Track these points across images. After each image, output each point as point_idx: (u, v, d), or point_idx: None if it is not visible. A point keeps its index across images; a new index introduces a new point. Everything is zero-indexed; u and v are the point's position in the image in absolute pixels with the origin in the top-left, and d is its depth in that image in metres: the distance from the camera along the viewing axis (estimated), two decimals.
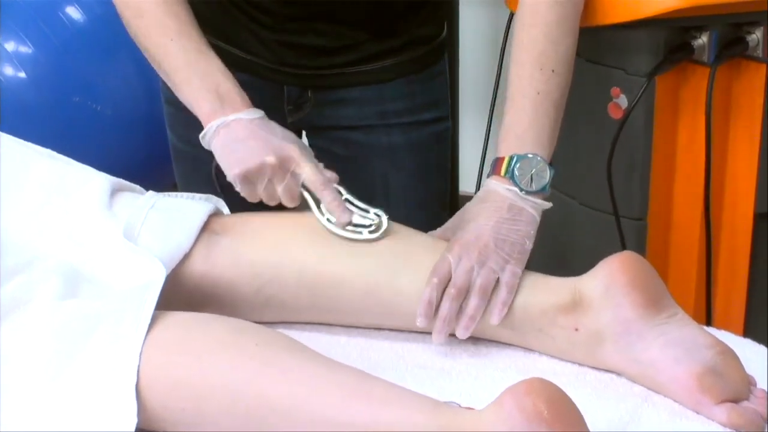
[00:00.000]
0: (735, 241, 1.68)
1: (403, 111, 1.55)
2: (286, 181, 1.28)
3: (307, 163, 1.28)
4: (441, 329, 1.21)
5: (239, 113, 1.31)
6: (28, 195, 1.27)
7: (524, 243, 1.24)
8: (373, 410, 1.02)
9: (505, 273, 1.21)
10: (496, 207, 1.25)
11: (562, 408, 0.99)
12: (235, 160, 1.29)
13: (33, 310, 1.10)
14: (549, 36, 1.29)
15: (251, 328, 1.11)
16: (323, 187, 1.27)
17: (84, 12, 2.09)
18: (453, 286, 1.21)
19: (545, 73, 1.28)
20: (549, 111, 1.28)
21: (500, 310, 1.21)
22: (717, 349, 1.16)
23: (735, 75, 1.62)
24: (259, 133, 1.29)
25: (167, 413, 1.05)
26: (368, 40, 1.50)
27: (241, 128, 1.30)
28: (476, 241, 1.23)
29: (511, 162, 1.26)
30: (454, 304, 1.21)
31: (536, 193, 1.26)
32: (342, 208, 1.27)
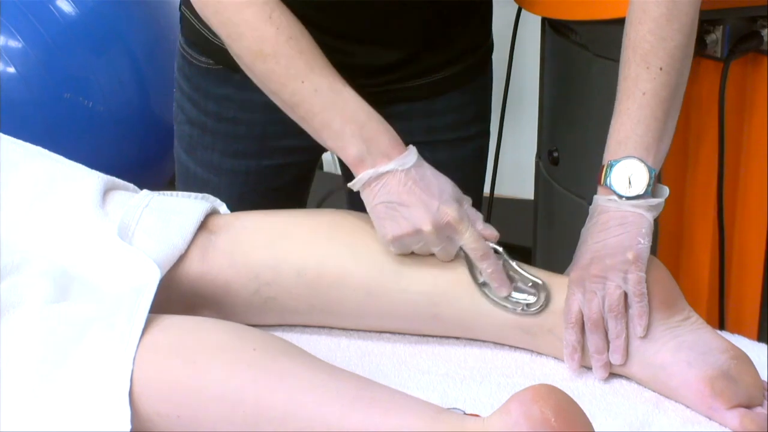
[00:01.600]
0: (749, 242, 1.67)
1: (452, 125, 1.50)
2: (442, 245, 1.23)
3: (466, 230, 1.22)
4: (599, 362, 1.19)
5: (391, 163, 1.23)
6: (18, 194, 1.26)
7: (638, 243, 1.19)
8: (375, 417, 1.01)
9: (630, 283, 1.19)
10: (602, 222, 1.22)
11: (570, 415, 0.98)
12: (390, 224, 1.22)
13: (22, 314, 1.09)
14: (656, 32, 1.23)
15: (249, 332, 1.10)
16: (482, 258, 1.22)
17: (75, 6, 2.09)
18: (589, 321, 1.19)
19: (652, 71, 1.23)
20: (656, 111, 1.23)
21: (641, 322, 1.18)
22: (730, 353, 1.15)
23: (749, 70, 1.61)
24: (415, 193, 1.22)
25: (162, 420, 1.03)
26: (421, 54, 1.44)
27: (395, 184, 1.22)
28: (590, 264, 1.20)
29: (608, 170, 1.23)
30: (598, 337, 1.19)
31: (638, 197, 1.21)
32: (501, 281, 1.22)
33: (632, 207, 1.21)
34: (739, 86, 1.60)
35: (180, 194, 1.33)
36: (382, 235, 1.23)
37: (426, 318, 1.24)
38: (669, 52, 1.23)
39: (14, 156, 1.30)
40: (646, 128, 1.23)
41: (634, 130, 1.23)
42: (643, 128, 1.22)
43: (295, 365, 1.05)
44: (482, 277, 1.22)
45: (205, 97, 1.50)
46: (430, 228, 1.21)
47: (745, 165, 1.64)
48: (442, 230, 1.21)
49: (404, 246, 1.23)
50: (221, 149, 1.51)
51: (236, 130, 1.49)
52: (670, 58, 1.23)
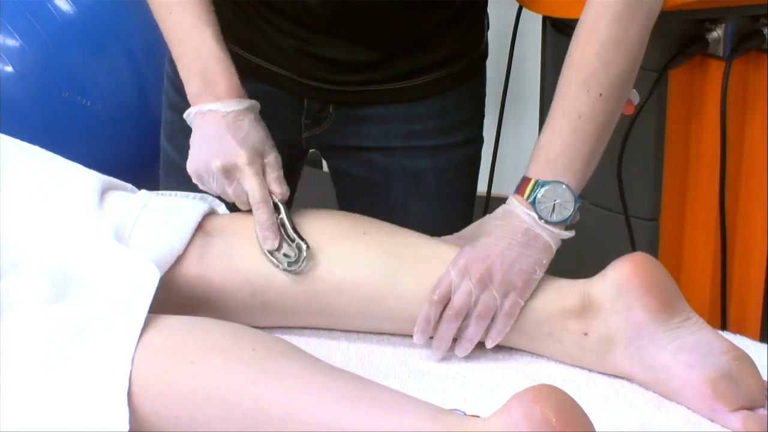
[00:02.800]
0: (751, 242, 1.67)
1: (433, 132, 1.48)
2: (233, 187, 1.27)
3: (251, 175, 1.26)
4: (439, 347, 1.22)
5: (216, 103, 1.29)
6: (15, 194, 1.26)
7: (534, 272, 1.21)
8: (375, 418, 1.00)
9: (507, 301, 1.20)
10: (512, 228, 1.22)
11: (571, 416, 0.98)
12: (192, 156, 1.29)
13: (20, 314, 1.09)
14: (602, 57, 1.22)
15: (248, 332, 1.10)
16: (258, 206, 1.25)
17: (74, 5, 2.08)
18: (451, 308, 1.20)
19: (591, 95, 1.22)
20: (588, 137, 1.23)
21: (494, 339, 1.21)
22: (732, 354, 1.15)
23: (751, 69, 1.61)
24: (221, 133, 1.28)
25: (160, 420, 1.03)
26: (401, 56, 1.43)
27: (211, 122, 1.29)
28: (482, 261, 1.20)
29: (535, 187, 1.22)
30: (451, 326, 1.20)
31: (556, 223, 1.22)
32: (269, 232, 1.24)
33: (547, 234, 1.21)
34: (741, 85, 1.60)
35: (178, 194, 1.33)
36: (187, 166, 1.29)
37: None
38: (611, 79, 1.23)
39: (12, 155, 1.30)
40: (577, 152, 1.22)
41: (564, 152, 1.22)
42: (574, 151, 1.22)
43: (294, 366, 1.04)
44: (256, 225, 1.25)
45: None
46: (218, 164, 1.25)
47: (747, 164, 1.64)
48: (230, 171, 1.26)
49: (202, 181, 1.29)
50: None
51: None
52: (611, 85, 1.23)
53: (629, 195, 1.62)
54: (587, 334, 1.18)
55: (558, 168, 1.22)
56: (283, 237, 1.24)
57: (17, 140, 1.33)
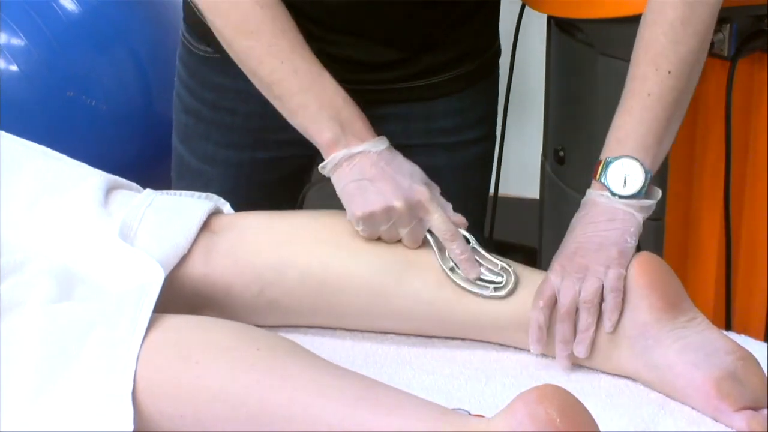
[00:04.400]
0: (756, 242, 1.67)
1: (451, 129, 1.49)
2: (411, 226, 1.24)
3: (436, 210, 1.24)
4: (563, 352, 1.20)
5: (364, 144, 1.25)
6: (21, 193, 1.26)
7: (624, 242, 1.20)
8: (379, 418, 1.00)
9: (608, 278, 1.19)
10: (591, 214, 1.22)
11: (575, 416, 0.98)
12: (361, 200, 1.23)
13: (26, 313, 1.09)
14: (670, 35, 1.23)
15: (253, 332, 1.10)
16: (452, 239, 1.23)
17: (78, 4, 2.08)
18: (562, 307, 1.19)
19: (660, 73, 1.23)
20: (659, 114, 1.23)
21: (611, 317, 1.18)
22: (737, 354, 1.14)
23: (756, 69, 1.60)
24: (387, 172, 1.24)
25: (165, 420, 1.03)
26: (419, 55, 1.43)
27: (368, 164, 1.24)
28: (574, 254, 1.20)
29: (605, 166, 1.23)
30: (567, 325, 1.19)
31: (631, 197, 1.22)
32: (470, 263, 1.23)
33: (624, 205, 1.21)
34: (746, 85, 1.60)
35: (183, 193, 1.33)
36: (351, 213, 1.23)
37: (429, 320, 1.24)
38: (680, 56, 1.23)
39: (17, 155, 1.30)
40: (647, 129, 1.23)
41: (635, 130, 1.23)
42: (645, 129, 1.23)
43: (298, 365, 1.04)
44: (451, 261, 1.23)
45: (201, 85, 1.49)
46: (401, 204, 1.22)
47: (752, 164, 1.64)
48: (413, 208, 1.22)
49: (373, 225, 1.23)
50: (216, 139, 1.50)
51: (232, 120, 1.49)
52: (680, 62, 1.23)
53: None
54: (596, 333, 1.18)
55: (628, 145, 1.23)
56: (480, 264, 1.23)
57: (22, 139, 1.33)
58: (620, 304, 1.18)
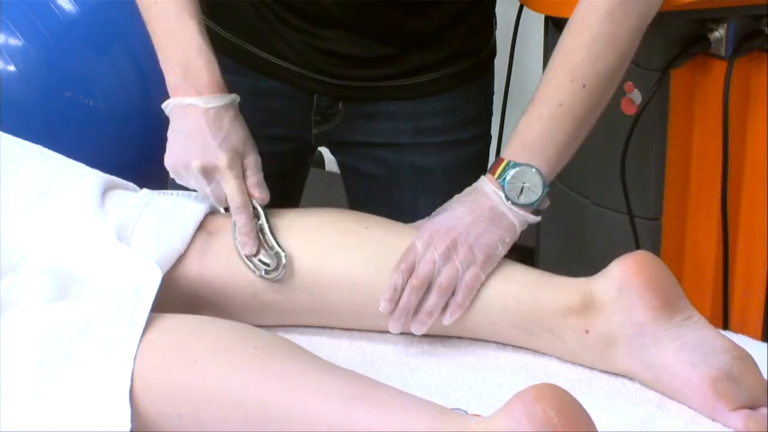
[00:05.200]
0: (753, 241, 1.67)
1: (441, 128, 1.49)
2: (212, 187, 1.26)
3: (232, 179, 1.25)
4: (398, 318, 1.21)
5: (197, 98, 1.28)
6: (18, 193, 1.26)
7: (496, 247, 1.22)
8: (376, 417, 1.00)
9: (468, 274, 1.20)
10: (478, 204, 1.23)
11: (572, 415, 0.98)
12: (171, 150, 1.28)
13: (22, 313, 1.10)
14: (591, 50, 1.23)
15: (250, 331, 1.10)
16: (238, 211, 1.25)
17: (76, 4, 2.08)
18: (416, 277, 1.20)
19: (575, 86, 1.24)
20: (566, 126, 1.24)
21: (453, 312, 1.20)
22: (734, 353, 1.14)
23: (753, 69, 1.60)
24: (202, 130, 1.26)
25: (163, 419, 1.03)
26: (410, 52, 1.43)
27: (191, 117, 1.27)
28: (447, 233, 1.21)
29: (507, 167, 1.23)
30: (413, 296, 1.20)
31: (523, 205, 1.23)
32: (248, 238, 1.24)
33: (512, 215, 1.23)
34: (743, 85, 1.60)
35: (180, 193, 1.33)
36: (165, 159, 1.27)
37: None
38: (597, 72, 1.24)
39: (14, 155, 1.30)
40: (552, 140, 1.24)
41: (540, 138, 1.24)
42: (550, 139, 1.23)
43: (296, 364, 1.05)
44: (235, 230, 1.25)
45: None
46: (197, 164, 1.24)
47: (749, 164, 1.64)
48: (210, 172, 1.24)
49: (180, 176, 1.27)
50: None
51: None
52: (596, 78, 1.24)
53: (631, 194, 1.62)
54: (588, 332, 1.18)
55: (531, 152, 1.23)
56: (261, 243, 1.24)
57: (20, 139, 1.33)
58: (467, 303, 1.20)
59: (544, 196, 1.23)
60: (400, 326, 1.21)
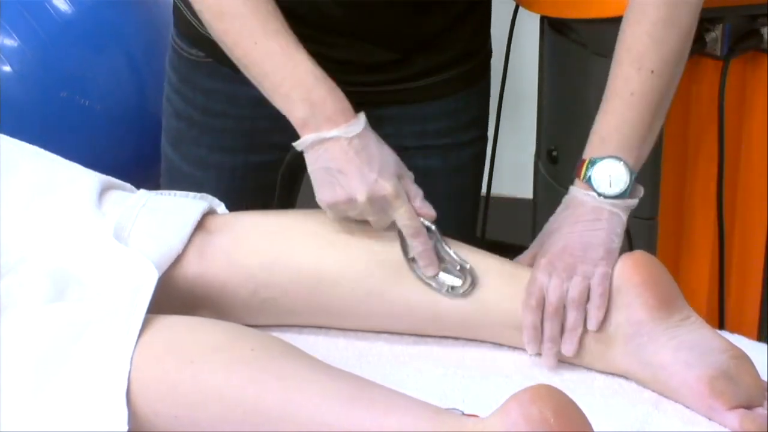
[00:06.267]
0: (749, 241, 1.67)
1: (445, 131, 1.49)
2: (378, 216, 1.23)
3: (401, 205, 1.22)
4: (550, 351, 1.20)
5: (335, 129, 1.22)
6: (15, 194, 1.25)
7: (611, 241, 1.21)
8: (373, 418, 1.00)
9: (595, 277, 1.19)
10: (578, 213, 1.23)
11: (569, 416, 0.98)
12: (326, 189, 1.23)
13: (20, 314, 1.09)
14: (653, 35, 1.23)
15: (247, 332, 1.10)
16: (413, 236, 1.23)
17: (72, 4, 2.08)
18: (549, 305, 1.19)
19: (643, 73, 1.23)
20: (642, 113, 1.24)
21: (596, 315, 1.18)
22: (730, 353, 1.15)
23: (749, 69, 1.61)
24: (354, 163, 1.22)
25: (159, 420, 1.03)
26: (413, 56, 1.43)
27: (337, 151, 1.22)
28: (562, 252, 1.21)
29: (589, 165, 1.23)
30: (555, 323, 1.19)
31: (616, 197, 1.23)
32: (428, 260, 1.23)
33: (609, 206, 1.22)
34: (739, 85, 1.60)
35: (177, 194, 1.32)
36: (318, 199, 1.24)
37: (424, 318, 1.24)
38: (663, 56, 1.24)
39: (11, 155, 1.29)
40: (631, 129, 1.23)
41: (618, 130, 1.23)
42: (628, 129, 1.23)
43: (293, 365, 1.04)
44: (412, 253, 1.23)
45: (193, 89, 1.49)
46: (364, 199, 1.21)
47: (745, 164, 1.64)
48: (377, 202, 1.22)
49: (339, 212, 1.24)
50: (208, 144, 1.50)
51: (224, 124, 1.48)
52: (662, 62, 1.24)
53: None
54: (586, 332, 1.18)
55: (611, 145, 1.23)
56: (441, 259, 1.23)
57: (16, 140, 1.33)
58: (605, 303, 1.18)
59: (633, 182, 1.22)
60: (555, 358, 1.20)
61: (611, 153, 1.22)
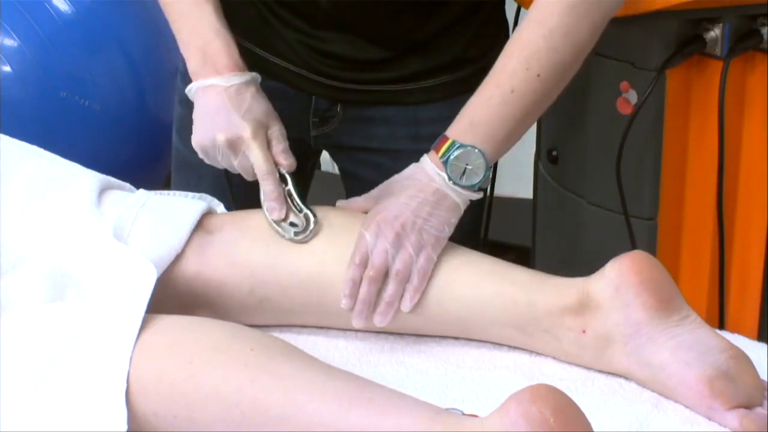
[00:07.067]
0: (749, 241, 1.67)
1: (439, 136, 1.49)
2: (239, 160, 1.28)
3: (256, 147, 1.27)
4: (361, 312, 1.21)
5: (218, 78, 1.30)
6: (14, 194, 1.25)
7: (443, 229, 1.23)
8: (373, 418, 1.00)
9: (420, 258, 1.21)
10: (421, 187, 1.24)
11: (569, 415, 0.98)
12: (197, 130, 1.30)
13: (19, 314, 1.09)
14: (549, 41, 1.24)
15: (246, 332, 1.10)
16: (264, 177, 1.26)
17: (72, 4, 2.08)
18: (371, 268, 1.21)
19: (529, 74, 1.24)
20: (516, 112, 1.25)
21: (412, 297, 1.21)
22: (730, 353, 1.14)
23: (749, 69, 1.60)
24: (225, 106, 1.28)
25: (158, 420, 1.03)
26: (408, 57, 1.43)
27: (213, 96, 1.29)
28: (395, 220, 1.22)
29: (451, 147, 1.24)
30: (372, 287, 1.21)
31: (465, 187, 1.24)
32: (276, 203, 1.25)
33: (456, 195, 1.24)
34: (739, 84, 1.60)
35: (177, 194, 1.33)
36: (192, 142, 1.30)
37: (421, 318, 1.23)
38: (552, 64, 1.24)
39: (11, 156, 1.29)
40: (502, 124, 1.24)
41: (489, 122, 1.24)
42: (499, 123, 1.24)
43: (292, 365, 1.04)
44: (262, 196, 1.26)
45: None
46: (223, 139, 1.26)
47: (744, 163, 1.64)
48: (235, 144, 1.26)
49: (208, 155, 1.29)
50: None
51: None
52: (550, 69, 1.24)
53: (627, 194, 1.62)
54: (585, 332, 1.18)
55: (479, 134, 1.24)
56: (290, 207, 1.26)
57: (16, 140, 1.33)
58: (424, 286, 1.20)
59: (486, 178, 1.24)
60: (364, 320, 1.21)
61: (476, 143, 1.24)
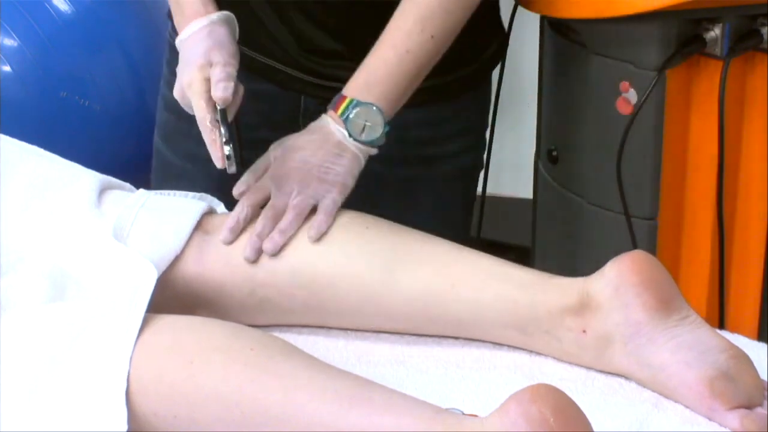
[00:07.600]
0: (749, 241, 1.67)
1: (427, 140, 1.49)
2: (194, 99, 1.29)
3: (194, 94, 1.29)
4: (255, 244, 1.23)
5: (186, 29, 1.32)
6: (14, 194, 1.26)
7: (347, 179, 1.28)
8: (373, 418, 1.00)
9: (325, 200, 1.25)
10: (323, 140, 1.28)
11: (569, 415, 0.98)
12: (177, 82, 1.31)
13: (18, 314, 1.09)
14: (443, 5, 1.30)
15: (246, 331, 1.10)
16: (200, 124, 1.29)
17: (71, 4, 2.08)
18: (272, 208, 1.24)
19: (424, 35, 1.30)
20: (410, 72, 1.31)
21: (316, 228, 1.24)
22: (730, 352, 1.14)
23: (749, 69, 1.60)
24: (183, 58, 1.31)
25: (159, 420, 1.03)
26: None
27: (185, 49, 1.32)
28: (299, 169, 1.26)
29: (349, 105, 1.29)
30: (269, 223, 1.24)
31: (365, 143, 1.29)
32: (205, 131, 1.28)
33: (356, 149, 1.28)
34: (739, 84, 1.60)
35: (177, 194, 1.33)
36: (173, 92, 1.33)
37: (422, 318, 1.24)
38: (446, 26, 1.30)
39: (11, 156, 1.30)
40: (396, 84, 1.30)
41: (384, 81, 1.29)
42: (394, 83, 1.30)
43: (292, 365, 1.04)
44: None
45: None
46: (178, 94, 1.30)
47: (744, 163, 1.64)
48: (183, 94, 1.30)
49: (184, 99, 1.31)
50: (197, 136, 1.50)
51: None
52: (444, 31, 1.30)
53: (627, 194, 1.62)
54: (585, 332, 1.18)
55: (375, 92, 1.29)
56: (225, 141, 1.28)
57: (16, 140, 1.33)
58: (330, 220, 1.24)
59: (384, 134, 1.29)
60: (256, 252, 1.23)
61: (374, 101, 1.28)
